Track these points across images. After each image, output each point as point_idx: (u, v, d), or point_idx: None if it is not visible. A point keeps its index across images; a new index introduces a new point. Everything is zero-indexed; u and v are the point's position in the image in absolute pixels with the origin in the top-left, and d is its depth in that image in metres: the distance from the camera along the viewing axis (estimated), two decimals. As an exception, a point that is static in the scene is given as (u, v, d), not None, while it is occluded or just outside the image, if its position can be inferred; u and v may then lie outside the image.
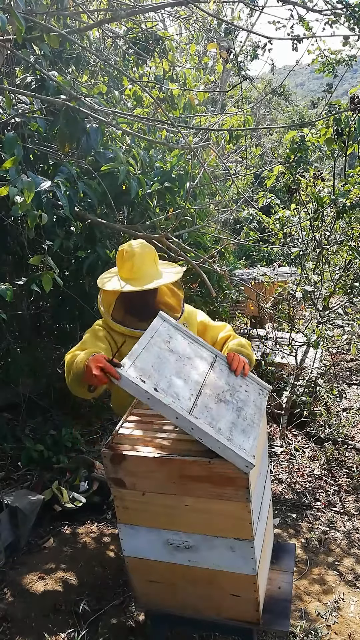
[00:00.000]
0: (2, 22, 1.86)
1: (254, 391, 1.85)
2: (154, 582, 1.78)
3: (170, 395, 1.61)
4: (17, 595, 2.40)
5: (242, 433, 1.63)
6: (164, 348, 1.76)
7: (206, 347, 1.88)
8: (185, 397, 1.64)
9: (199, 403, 1.65)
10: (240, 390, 1.80)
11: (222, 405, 1.70)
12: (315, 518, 3.01)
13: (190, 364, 1.77)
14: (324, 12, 2.70)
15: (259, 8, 3.08)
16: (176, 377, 1.71)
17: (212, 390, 1.72)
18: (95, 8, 3.76)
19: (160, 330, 1.82)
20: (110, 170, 3.05)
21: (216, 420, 1.62)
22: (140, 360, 1.66)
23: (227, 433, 1.59)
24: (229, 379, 1.82)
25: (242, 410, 1.72)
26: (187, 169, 3.48)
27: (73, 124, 2.56)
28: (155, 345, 1.75)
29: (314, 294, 3.60)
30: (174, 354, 1.76)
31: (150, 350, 1.72)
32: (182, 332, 1.87)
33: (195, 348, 1.85)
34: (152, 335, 1.78)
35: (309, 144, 3.60)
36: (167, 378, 1.68)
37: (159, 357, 1.72)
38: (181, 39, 5.58)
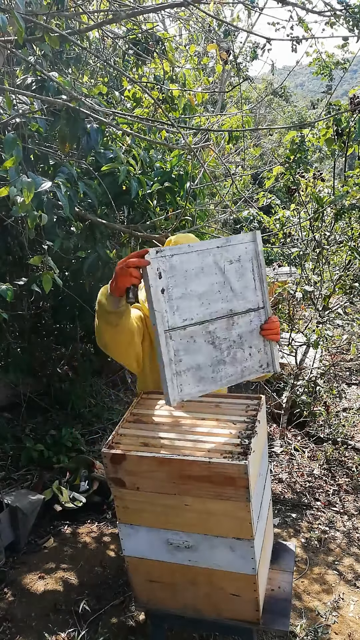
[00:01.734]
0: (3, 22, 1.86)
1: (256, 361, 1.72)
2: (154, 582, 1.78)
3: (170, 306, 1.56)
4: (17, 595, 2.41)
5: (198, 380, 1.62)
6: (219, 265, 1.62)
7: (262, 294, 1.69)
8: (183, 316, 1.59)
9: (189, 330, 1.59)
10: (243, 350, 1.68)
11: (209, 347, 1.63)
12: (315, 518, 3.01)
13: (226, 295, 1.64)
14: (323, 14, 2.70)
15: (259, 9, 3.09)
16: (197, 295, 1.61)
17: (217, 331, 1.63)
18: (95, 9, 3.76)
19: (237, 247, 1.63)
20: (111, 170, 3.05)
21: (186, 354, 1.59)
22: (179, 259, 1.57)
23: (182, 368, 1.57)
24: (245, 335, 1.68)
25: (221, 365, 1.65)
26: (187, 169, 3.48)
27: (73, 124, 2.56)
28: (211, 256, 1.61)
29: (314, 294, 3.60)
30: (219, 276, 1.62)
31: (203, 257, 1.60)
32: (256, 265, 1.66)
33: (252, 286, 1.67)
34: (222, 244, 1.62)
35: (309, 144, 3.60)
36: (187, 291, 1.59)
37: (203, 268, 1.60)
38: (181, 39, 5.58)
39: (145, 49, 3.72)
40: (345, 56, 3.88)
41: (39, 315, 4.29)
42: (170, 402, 1.58)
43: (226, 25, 3.63)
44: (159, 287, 1.56)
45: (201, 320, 1.62)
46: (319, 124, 3.51)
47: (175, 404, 1.61)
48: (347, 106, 3.25)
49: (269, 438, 3.76)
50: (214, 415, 1.78)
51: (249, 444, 1.58)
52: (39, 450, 3.40)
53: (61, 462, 3.34)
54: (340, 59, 3.75)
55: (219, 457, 1.53)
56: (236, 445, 1.59)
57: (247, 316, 1.68)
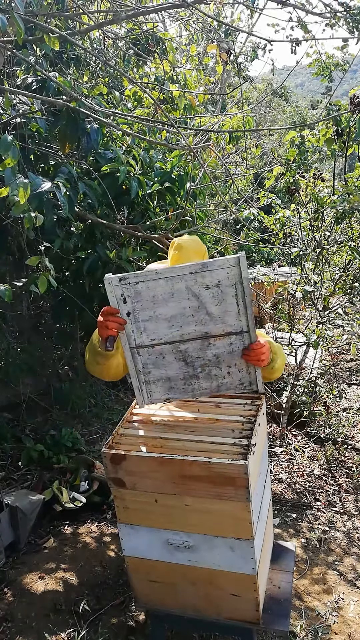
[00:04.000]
0: (3, 23, 1.86)
1: (236, 379, 1.66)
2: (154, 582, 1.78)
3: (137, 327, 1.60)
4: (17, 595, 2.41)
5: (168, 389, 1.65)
6: (193, 290, 1.56)
7: (247, 319, 1.59)
8: (151, 337, 1.60)
9: (157, 348, 1.60)
10: (220, 369, 1.64)
11: (180, 363, 1.62)
12: (315, 518, 3.01)
13: (201, 319, 1.60)
14: (323, 15, 2.71)
15: (259, 10, 3.09)
16: (166, 319, 1.59)
17: (189, 350, 1.61)
18: (95, 9, 3.76)
19: (217, 272, 1.54)
20: (111, 170, 3.05)
21: (155, 367, 1.62)
22: (144, 286, 1.55)
23: (152, 378, 1.61)
24: (223, 355, 1.63)
25: (194, 379, 1.63)
26: (187, 170, 3.49)
27: (73, 124, 2.56)
28: (182, 282, 1.56)
29: (314, 294, 3.60)
30: (193, 300, 1.57)
31: (173, 283, 1.56)
32: (240, 290, 1.56)
33: (233, 311, 1.58)
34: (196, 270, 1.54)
35: (309, 145, 3.60)
36: (155, 314, 1.58)
37: (173, 293, 1.57)
38: (181, 39, 5.58)
39: (145, 49, 3.72)
40: (345, 57, 3.88)
41: (39, 315, 4.29)
42: (139, 404, 1.74)
43: (226, 26, 3.63)
44: (124, 310, 1.60)
45: (171, 340, 1.63)
46: (319, 125, 3.51)
47: (143, 407, 1.76)
48: (347, 106, 3.25)
49: (269, 438, 3.76)
50: (214, 416, 1.78)
51: (248, 444, 1.58)
52: (39, 450, 3.40)
53: (61, 462, 3.34)
54: (340, 60, 3.76)
55: (219, 457, 1.53)
56: (236, 446, 1.59)
57: (226, 339, 1.62)
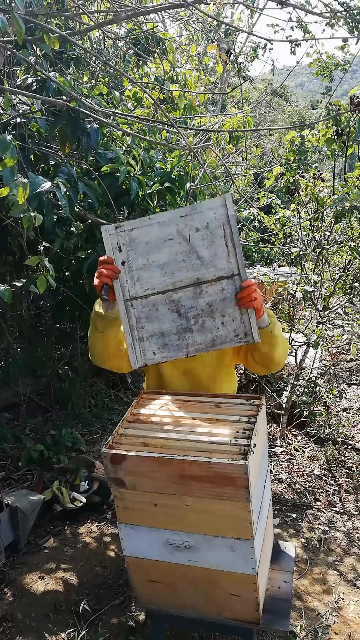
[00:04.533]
0: (3, 23, 1.86)
1: (230, 330, 1.62)
2: (154, 582, 1.78)
3: (131, 276, 1.60)
4: (17, 595, 2.41)
5: (162, 346, 1.63)
6: (183, 234, 1.58)
7: (237, 260, 1.59)
8: (145, 286, 1.60)
9: (150, 299, 1.60)
10: (213, 319, 1.62)
11: (173, 315, 1.62)
12: (315, 518, 3.01)
13: (192, 264, 1.60)
14: (323, 15, 2.71)
15: (259, 10, 3.09)
16: (159, 266, 1.60)
17: (182, 300, 1.61)
18: (95, 9, 3.76)
19: (205, 214, 1.57)
20: (111, 170, 3.05)
21: (149, 321, 1.60)
22: (138, 232, 1.58)
23: (145, 335, 1.59)
24: (216, 303, 1.61)
25: (188, 333, 1.62)
26: (188, 170, 3.49)
27: (73, 124, 2.56)
28: (173, 226, 1.58)
29: (314, 294, 3.60)
30: (184, 245, 1.59)
31: (165, 227, 1.58)
32: (228, 230, 1.57)
33: (223, 253, 1.59)
34: (186, 213, 1.57)
35: (309, 145, 3.60)
36: (148, 262, 1.60)
37: (165, 239, 1.59)
38: (182, 39, 5.58)
39: (145, 49, 3.72)
40: (345, 57, 3.88)
41: (39, 315, 4.29)
42: (132, 365, 1.68)
43: (226, 26, 3.63)
44: (119, 259, 1.62)
45: (163, 289, 1.62)
46: (319, 125, 3.51)
47: (137, 367, 1.68)
48: (346, 106, 3.25)
49: (269, 438, 3.76)
50: (214, 415, 1.78)
51: (248, 444, 1.58)
52: (39, 450, 3.40)
53: (61, 462, 3.34)
54: (340, 60, 3.76)
55: (219, 457, 1.53)
56: (236, 446, 1.59)
57: (218, 284, 1.61)
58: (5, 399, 3.85)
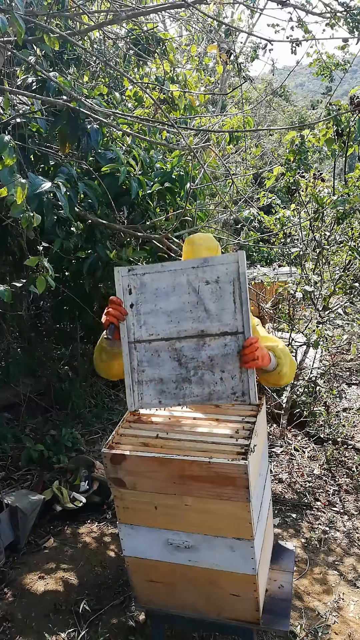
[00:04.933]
0: (3, 23, 1.86)
1: (228, 387, 1.62)
2: (154, 582, 1.78)
3: (137, 319, 1.63)
4: (17, 595, 2.41)
5: (159, 393, 1.66)
6: (193, 285, 1.60)
7: (242, 318, 1.59)
8: (150, 331, 1.63)
9: (154, 344, 1.63)
10: (213, 374, 1.62)
11: (174, 363, 1.64)
12: (315, 518, 3.01)
13: (199, 316, 1.62)
14: (323, 15, 2.71)
15: (259, 10, 3.09)
16: (166, 313, 1.63)
17: (184, 349, 1.62)
18: (96, 9, 3.76)
19: (217, 267, 1.59)
20: (111, 170, 3.05)
21: (150, 366, 1.64)
22: (150, 278, 1.62)
23: (145, 379, 1.62)
24: (217, 358, 1.61)
25: (186, 383, 1.63)
26: (188, 170, 3.49)
27: (73, 124, 2.56)
28: (184, 276, 1.61)
29: (314, 294, 3.60)
30: (192, 296, 1.62)
31: (176, 276, 1.62)
32: (237, 287, 1.58)
33: (230, 309, 1.60)
34: (199, 265, 1.60)
35: (309, 145, 3.60)
36: (156, 307, 1.63)
37: (175, 287, 1.62)
38: (182, 39, 5.58)
39: (145, 50, 3.72)
40: (346, 57, 3.88)
41: (39, 315, 4.29)
42: (129, 407, 1.70)
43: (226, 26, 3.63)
44: (129, 301, 1.66)
45: (168, 336, 1.65)
46: (319, 125, 3.51)
47: (132, 409, 1.71)
48: (347, 106, 3.25)
49: (269, 438, 3.76)
50: (214, 415, 1.78)
51: (249, 444, 1.58)
52: (39, 450, 3.40)
53: (61, 462, 3.34)
54: (340, 60, 3.76)
55: (219, 457, 1.53)
56: (236, 446, 1.59)
57: (221, 339, 1.62)
58: (5, 399, 3.85)
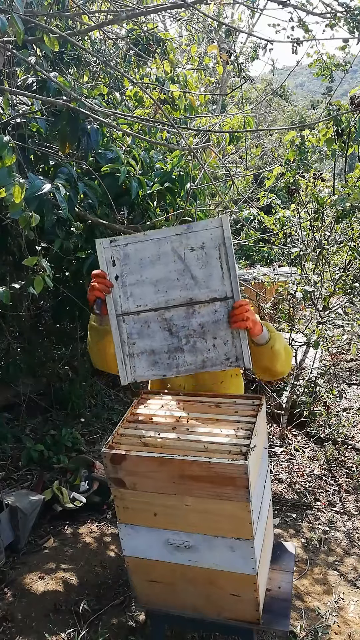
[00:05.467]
0: (3, 24, 1.86)
1: (221, 353, 1.60)
2: (154, 582, 1.78)
3: (124, 291, 1.61)
4: (17, 595, 2.41)
5: (152, 364, 1.63)
6: (178, 252, 1.58)
7: (231, 282, 1.58)
8: (137, 302, 1.61)
9: (142, 315, 1.60)
10: (205, 341, 1.60)
11: (165, 333, 1.61)
12: (315, 518, 3.01)
13: (186, 283, 1.59)
14: (323, 15, 2.71)
15: (259, 10, 3.09)
16: (152, 282, 1.60)
17: (174, 318, 1.60)
18: (96, 9, 3.76)
19: (201, 233, 1.56)
20: (111, 170, 3.05)
21: (140, 337, 1.61)
22: (133, 247, 1.59)
23: (136, 351, 1.60)
24: (208, 325, 1.60)
25: (179, 352, 1.61)
26: (188, 170, 3.48)
27: (73, 124, 2.56)
28: (169, 243, 1.58)
29: (314, 294, 3.60)
30: (178, 263, 1.59)
31: (160, 244, 1.58)
32: (223, 252, 1.56)
33: (217, 274, 1.58)
34: (182, 232, 1.57)
35: (309, 145, 3.60)
36: (142, 278, 1.60)
37: (160, 256, 1.59)
38: (182, 40, 5.58)
39: (146, 50, 3.72)
40: (346, 57, 3.89)
41: (39, 315, 4.29)
42: (122, 381, 1.66)
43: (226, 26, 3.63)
44: (113, 273, 1.63)
45: (156, 306, 1.62)
46: (320, 125, 3.51)
47: (126, 383, 1.67)
48: (347, 106, 3.25)
49: (269, 438, 3.76)
50: (214, 415, 1.78)
51: (249, 444, 1.58)
52: (39, 450, 3.40)
53: (61, 462, 3.34)
54: (341, 61, 3.76)
55: (219, 457, 1.53)
56: (236, 446, 1.59)
57: (211, 305, 1.61)
58: (5, 399, 3.85)
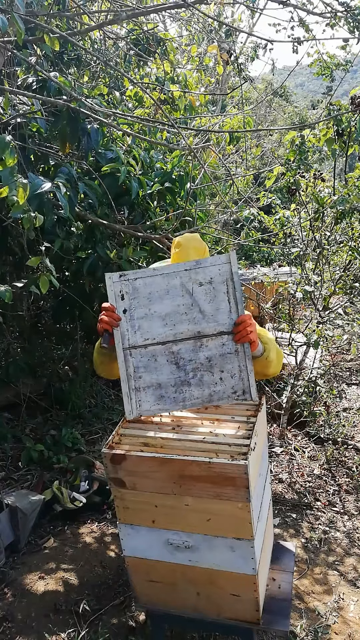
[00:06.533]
0: (3, 24, 1.86)
1: (228, 386, 1.62)
2: (154, 582, 1.78)
3: (132, 325, 1.62)
4: (17, 595, 2.41)
5: (158, 398, 1.63)
6: (187, 287, 1.62)
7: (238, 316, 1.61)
8: (145, 336, 1.62)
9: (150, 349, 1.62)
10: (212, 374, 1.62)
11: (172, 367, 1.62)
12: (315, 518, 3.01)
13: (194, 317, 1.62)
14: (323, 15, 2.70)
15: (259, 10, 3.09)
16: (160, 316, 1.62)
17: (181, 352, 1.62)
18: (96, 9, 3.76)
19: (209, 269, 1.60)
20: (111, 170, 3.05)
21: (147, 371, 1.62)
22: (142, 282, 1.62)
23: (142, 385, 1.61)
24: (215, 358, 1.62)
25: (185, 386, 1.62)
26: (188, 170, 3.48)
27: (74, 124, 2.56)
28: (178, 278, 1.61)
29: (314, 294, 3.60)
30: (187, 298, 1.62)
31: (169, 279, 1.61)
32: (231, 287, 1.60)
33: (225, 308, 1.61)
34: (191, 267, 1.61)
35: (309, 145, 3.60)
36: (150, 312, 1.62)
37: (168, 290, 1.62)
38: (182, 39, 5.58)
39: (146, 50, 3.72)
40: (347, 57, 3.88)
41: (39, 315, 4.29)
42: (127, 416, 1.66)
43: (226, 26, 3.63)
44: (121, 307, 1.65)
45: (164, 340, 1.64)
46: (320, 125, 3.51)
47: (131, 418, 1.67)
48: (347, 106, 3.25)
49: (269, 438, 3.76)
50: (214, 416, 1.78)
51: (249, 444, 1.58)
52: (39, 451, 3.40)
53: (61, 462, 3.34)
54: (341, 60, 3.76)
55: (219, 457, 1.53)
56: (236, 446, 1.59)
57: (218, 339, 1.63)
58: (5, 399, 3.85)
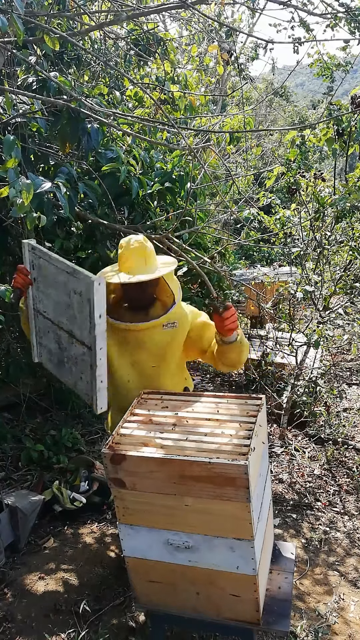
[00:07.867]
0: (3, 24, 1.86)
1: (84, 386, 1.82)
2: (154, 582, 1.78)
3: (39, 294, 1.91)
4: (17, 596, 2.41)
5: (48, 360, 1.98)
6: (67, 288, 1.78)
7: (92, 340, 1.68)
8: (45, 308, 1.88)
9: (47, 321, 1.89)
10: (78, 371, 1.81)
11: (55, 345, 1.90)
12: (315, 518, 3.01)
13: (71, 316, 1.77)
14: (324, 16, 2.70)
15: (259, 10, 3.09)
16: (53, 301, 1.82)
17: (61, 339, 1.85)
18: (96, 9, 3.76)
19: (81, 282, 1.66)
20: (111, 170, 3.05)
21: (45, 335, 1.94)
22: (43, 263, 1.83)
23: (42, 342, 1.97)
24: (79, 360, 1.78)
25: (62, 365, 1.89)
26: (188, 170, 3.48)
27: (74, 124, 2.56)
28: (63, 276, 1.78)
29: (315, 294, 3.59)
30: (67, 298, 1.75)
31: (57, 274, 1.78)
32: (89, 310, 1.64)
33: (86, 326, 1.68)
34: (71, 272, 1.73)
35: (310, 145, 3.60)
36: (47, 291, 1.85)
37: (57, 282, 1.80)
38: (182, 39, 5.58)
39: (146, 50, 3.72)
40: (347, 57, 3.88)
41: (40, 315, 4.28)
42: (33, 358, 2.04)
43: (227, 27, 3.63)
44: (32, 275, 1.89)
45: (53, 320, 1.83)
46: (320, 124, 3.50)
47: (36, 361, 2.05)
48: (347, 106, 3.25)
49: (269, 438, 3.76)
50: (214, 416, 1.78)
51: (249, 444, 1.58)
52: (39, 451, 3.39)
53: (61, 463, 3.34)
54: (341, 61, 3.75)
55: (219, 457, 1.53)
56: (236, 446, 1.59)
57: (81, 347, 1.73)
58: (5, 399, 3.85)
